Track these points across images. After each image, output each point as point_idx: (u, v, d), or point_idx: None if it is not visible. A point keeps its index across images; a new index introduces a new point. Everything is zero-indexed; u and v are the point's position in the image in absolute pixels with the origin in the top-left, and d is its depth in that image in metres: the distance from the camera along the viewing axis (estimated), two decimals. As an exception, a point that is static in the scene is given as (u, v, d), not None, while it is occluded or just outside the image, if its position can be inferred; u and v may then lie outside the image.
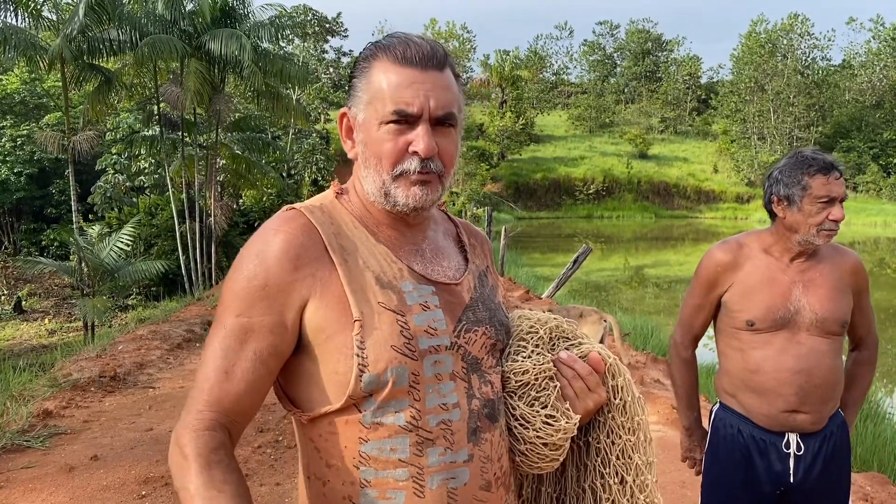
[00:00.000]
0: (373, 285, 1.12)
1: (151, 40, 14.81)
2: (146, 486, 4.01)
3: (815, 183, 2.11)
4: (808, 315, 2.15)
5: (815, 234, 2.13)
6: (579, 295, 15.63)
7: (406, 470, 1.10)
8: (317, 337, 1.10)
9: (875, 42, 56.67)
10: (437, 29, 46.34)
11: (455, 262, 1.28)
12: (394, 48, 1.14)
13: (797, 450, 2.19)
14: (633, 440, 1.28)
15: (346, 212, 1.20)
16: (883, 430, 5.96)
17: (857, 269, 2.27)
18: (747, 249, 2.26)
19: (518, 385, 1.23)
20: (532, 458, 1.23)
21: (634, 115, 60.12)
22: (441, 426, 1.12)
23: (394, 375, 1.08)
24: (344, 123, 1.21)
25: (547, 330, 1.29)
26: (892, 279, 22.29)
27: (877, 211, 42.54)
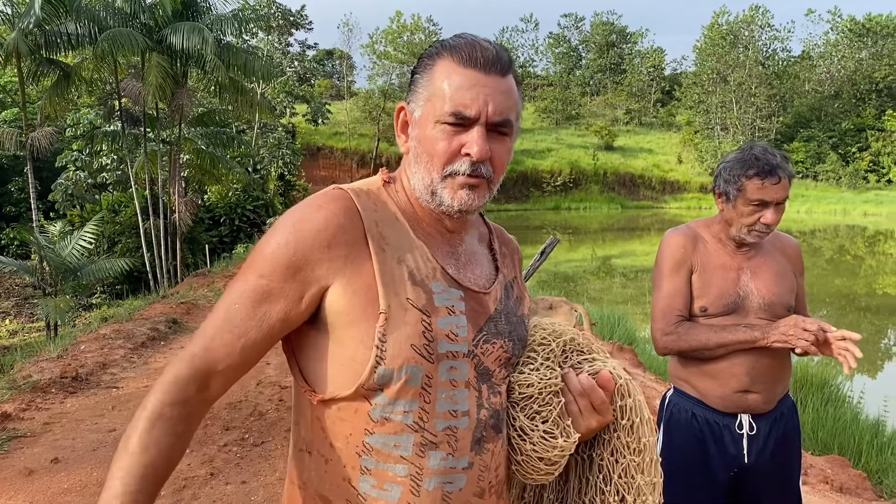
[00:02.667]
0: (405, 280, 1.11)
1: (111, 34, 14.51)
2: (109, 487, 3.95)
3: (750, 186, 2.13)
4: (756, 299, 2.20)
5: (746, 233, 2.18)
6: (548, 286, 15.75)
7: (406, 467, 1.11)
8: (339, 320, 1.10)
9: (833, 33, 57.86)
10: (402, 21, 46.15)
11: (486, 270, 1.26)
12: (460, 49, 1.13)
13: (750, 430, 2.22)
14: (638, 461, 1.26)
15: (391, 201, 1.18)
16: (843, 414, 6.09)
17: (796, 254, 2.35)
18: (701, 237, 2.31)
19: (521, 397, 1.22)
20: (527, 469, 1.23)
21: (600, 108, 60.60)
22: (447, 432, 1.12)
23: (407, 374, 1.08)
24: (400, 118, 1.20)
25: (560, 343, 1.27)
26: (851, 266, 22.80)
27: (836, 199, 43.46)
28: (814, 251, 26.11)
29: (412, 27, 46.44)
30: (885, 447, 5.41)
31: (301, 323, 1.12)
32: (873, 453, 5.30)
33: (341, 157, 47.74)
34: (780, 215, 2.17)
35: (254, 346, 1.10)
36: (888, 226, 35.02)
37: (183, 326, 9.31)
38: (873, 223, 36.59)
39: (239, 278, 1.13)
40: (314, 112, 44.17)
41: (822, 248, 27.64)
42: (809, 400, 6.15)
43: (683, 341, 2.22)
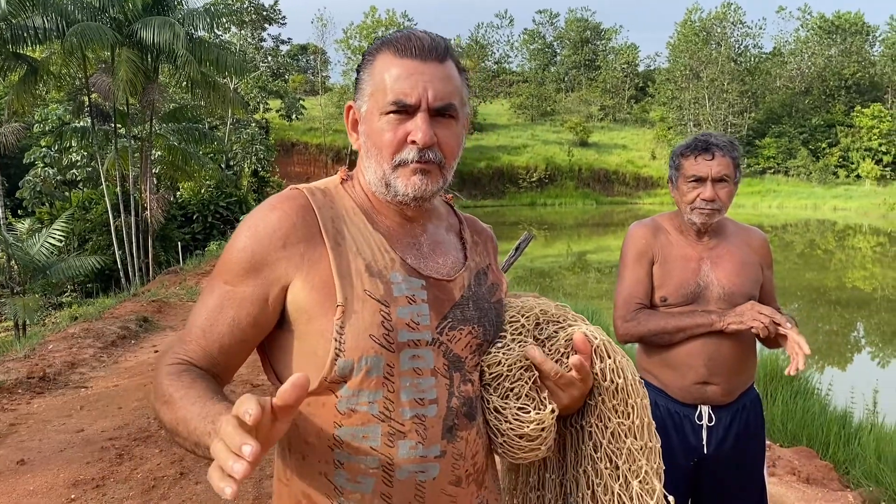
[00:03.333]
0: (361, 272, 1.13)
1: (80, 28, 14.27)
2: (76, 489, 3.89)
3: (686, 163, 2.22)
4: (716, 289, 2.21)
5: (690, 212, 2.21)
6: (524, 282, 15.79)
7: (377, 458, 1.11)
8: (300, 317, 1.12)
9: (803, 30, 58.65)
10: (377, 17, 45.95)
11: (452, 258, 1.27)
12: (396, 41, 1.16)
13: (709, 421, 2.24)
14: (628, 424, 1.23)
15: (348, 197, 1.21)
16: (811, 406, 6.17)
17: (764, 245, 2.34)
18: (663, 228, 2.34)
19: (492, 377, 1.21)
20: (512, 449, 1.22)
21: (574, 104, 60.87)
22: (415, 420, 1.13)
23: (368, 364, 1.10)
24: (350, 116, 1.22)
25: (531, 317, 1.26)
26: (821, 260, 23.15)
27: (807, 194, 44.09)
28: (785, 245, 26.48)
29: (387, 22, 46.27)
30: (852, 438, 5.49)
31: (273, 324, 1.14)
32: (840, 444, 5.38)
33: (316, 152, 47.47)
34: (724, 194, 2.18)
35: (229, 351, 1.13)
36: (857, 220, 35.62)
37: (154, 325, 9.20)
38: (843, 217, 37.20)
39: (208, 285, 1.17)
40: (288, 108, 43.86)
41: (793, 242, 28.04)
42: (779, 392, 6.22)
43: (643, 326, 2.23)
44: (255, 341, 1.15)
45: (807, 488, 4.08)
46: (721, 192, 2.18)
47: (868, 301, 16.24)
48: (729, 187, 2.20)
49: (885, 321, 14.23)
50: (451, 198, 1.37)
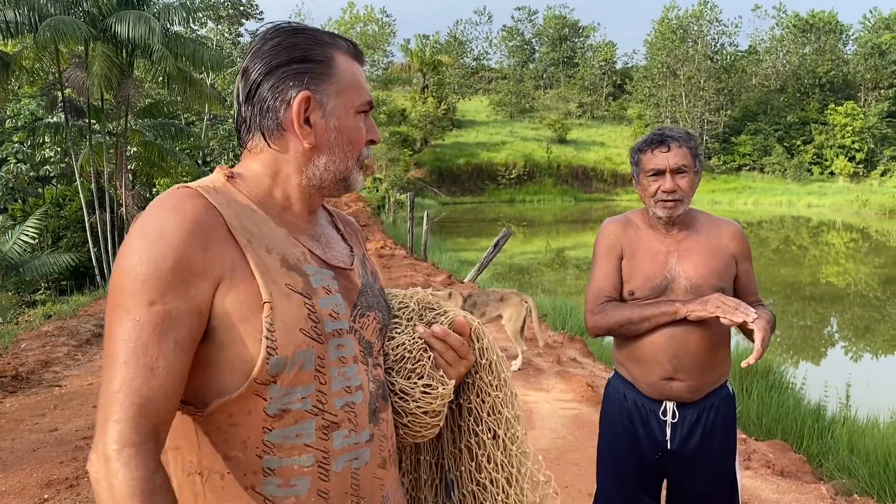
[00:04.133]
0: (279, 267, 1.09)
1: (53, 22, 14.04)
2: (49, 489, 3.84)
3: (644, 158, 2.25)
4: (683, 282, 2.22)
5: (654, 205, 2.24)
6: (503, 278, 15.83)
7: (311, 455, 1.09)
8: (224, 321, 1.05)
9: (778, 29, 59.25)
10: (355, 12, 45.78)
11: (343, 248, 1.28)
12: (346, 43, 1.21)
13: (672, 418, 2.26)
14: (502, 396, 1.35)
15: (241, 195, 1.15)
16: (786, 400, 6.26)
17: (736, 236, 2.33)
18: (633, 223, 2.36)
19: (396, 360, 1.27)
20: (415, 428, 1.28)
21: (553, 101, 61.01)
22: (345, 409, 1.13)
23: (301, 359, 1.07)
24: (301, 108, 1.15)
25: (416, 302, 1.35)
26: (796, 255, 23.44)
27: (782, 191, 44.58)
28: (760, 242, 26.77)
29: (365, 18, 46.10)
30: (826, 431, 5.58)
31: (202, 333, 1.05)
32: (814, 437, 5.47)
33: (294, 149, 47.21)
34: (684, 182, 2.20)
35: (180, 379, 1.03)
36: (831, 217, 36.10)
37: (130, 322, 9.09)
38: (817, 214, 37.68)
39: (122, 317, 1.01)
40: (266, 104, 43.47)
41: (768, 238, 28.35)
42: (754, 387, 6.31)
43: (610, 318, 2.25)
44: (192, 359, 1.04)
45: (781, 481, 4.14)
46: (681, 183, 2.20)
47: (841, 296, 16.48)
48: (689, 177, 2.22)
49: (857, 316, 14.45)
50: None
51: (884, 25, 61.43)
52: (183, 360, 1.02)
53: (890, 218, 34.64)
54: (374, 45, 45.99)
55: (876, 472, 4.63)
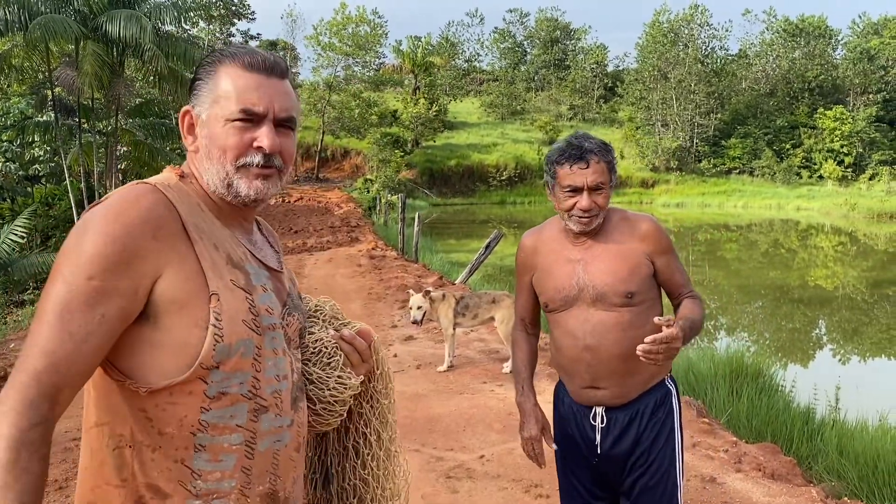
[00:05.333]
0: (224, 264, 1.22)
1: (43, 21, 13.97)
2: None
3: (561, 172, 2.19)
4: (591, 291, 2.20)
5: (567, 218, 2.22)
6: (494, 280, 15.82)
7: (241, 434, 1.21)
8: (169, 308, 1.14)
9: (768, 33, 59.50)
10: (347, 13, 45.65)
11: (272, 253, 1.41)
12: (241, 56, 1.28)
13: (601, 422, 2.26)
14: (387, 403, 1.55)
15: (193, 194, 1.27)
16: (776, 403, 6.29)
17: (647, 235, 2.26)
18: (546, 234, 2.36)
19: (314, 352, 1.43)
20: (325, 416, 1.43)
21: (544, 103, 61.10)
22: (274, 395, 1.26)
23: (242, 347, 1.19)
24: (186, 121, 1.31)
25: (329, 308, 1.52)
26: (785, 258, 23.56)
27: (771, 194, 44.78)
28: (750, 244, 26.90)
29: (357, 19, 45.98)
30: (815, 434, 5.61)
31: (136, 316, 1.15)
32: (804, 440, 5.50)
33: (285, 149, 47.10)
34: (601, 199, 2.17)
35: (98, 350, 1.11)
36: (819, 220, 36.30)
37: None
38: (806, 217, 37.88)
39: (60, 283, 1.10)
40: (257, 104, 43.32)
41: (757, 241, 28.49)
42: (744, 389, 6.34)
43: (512, 353, 2.58)
44: (117, 336, 1.14)
45: (771, 483, 4.16)
46: (598, 199, 2.17)
47: (830, 299, 16.58)
48: (605, 192, 2.19)
49: (846, 319, 14.54)
50: None
51: (872, 30, 61.88)
52: (104, 335, 1.11)
53: (878, 221, 34.88)
54: (365, 46, 45.87)
55: (865, 475, 4.67)
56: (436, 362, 6.75)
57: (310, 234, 19.61)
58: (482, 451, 4.66)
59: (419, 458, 4.55)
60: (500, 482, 4.19)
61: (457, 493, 4.05)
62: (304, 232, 20.30)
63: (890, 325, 14.08)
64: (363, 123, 43.36)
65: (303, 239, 18.68)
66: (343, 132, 44.89)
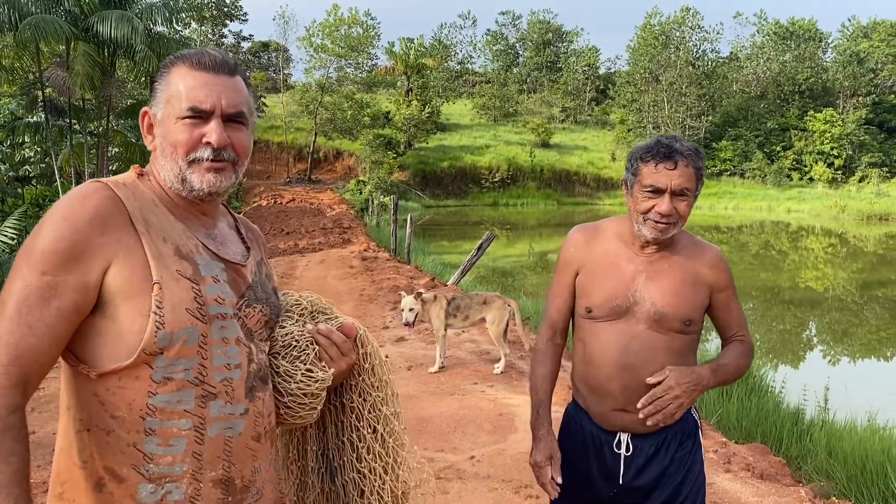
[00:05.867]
0: (171, 255, 1.27)
1: (33, 21, 13.94)
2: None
3: (644, 170, 2.00)
4: (647, 307, 2.02)
5: (642, 222, 2.00)
6: (486, 281, 15.84)
7: (189, 420, 1.25)
8: (116, 297, 1.22)
9: (759, 36, 59.85)
10: (339, 15, 45.59)
11: (240, 248, 1.47)
12: (190, 56, 1.34)
13: (626, 451, 2.08)
14: (382, 395, 1.56)
15: (148, 191, 1.34)
16: (766, 403, 6.33)
17: (715, 264, 2.11)
18: (602, 233, 2.16)
19: (283, 346, 1.45)
20: (294, 408, 1.45)
21: (536, 105, 61.17)
22: (224, 383, 1.29)
23: (185, 335, 1.24)
24: (145, 121, 1.38)
25: (309, 303, 1.54)
26: (776, 260, 23.66)
27: (762, 196, 44.98)
28: (741, 246, 27.01)
29: (349, 20, 45.93)
30: (804, 434, 5.65)
31: (91, 307, 1.22)
32: (793, 440, 5.53)
33: (277, 151, 46.95)
34: (683, 206, 1.98)
35: (57, 340, 1.20)
36: (810, 222, 36.48)
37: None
38: (796, 219, 38.07)
39: (17, 279, 1.19)
40: (249, 105, 43.22)
41: (748, 243, 28.60)
42: (734, 390, 6.37)
43: (533, 369, 2.26)
44: (74, 327, 1.22)
45: (760, 484, 4.18)
46: (680, 206, 1.97)
47: (820, 301, 16.67)
48: (688, 200, 1.99)
49: (835, 320, 14.62)
50: None
51: (862, 34, 62.28)
52: (62, 326, 1.19)
53: (867, 223, 35.09)
54: (358, 48, 45.81)
55: (853, 475, 4.70)
56: (427, 363, 6.75)
57: (302, 236, 19.57)
58: (472, 452, 4.67)
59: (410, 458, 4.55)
60: (490, 483, 4.20)
61: (447, 493, 4.06)
62: (295, 233, 20.26)
63: (879, 326, 14.17)
64: (356, 125, 43.31)
65: (295, 240, 18.64)
66: (335, 134, 44.81)
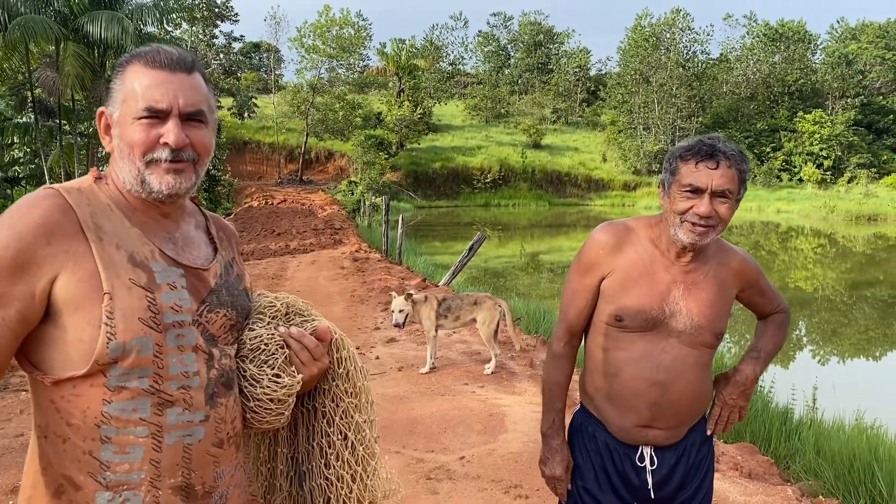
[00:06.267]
0: (125, 263, 1.23)
1: (23, 21, 13.89)
2: (14, 495, 3.78)
3: (684, 168, 1.87)
4: (684, 320, 1.93)
5: (679, 224, 1.88)
6: (478, 282, 15.85)
7: (146, 428, 1.23)
8: (66, 307, 1.19)
9: (749, 37, 60.17)
10: (331, 16, 45.57)
11: (204, 251, 1.42)
12: (145, 55, 1.30)
13: (651, 464, 2.01)
14: (356, 402, 1.52)
15: (104, 195, 1.30)
16: (754, 403, 6.35)
17: (742, 268, 2.06)
18: (634, 236, 2.00)
19: (251, 350, 1.41)
20: (261, 413, 1.42)
21: (528, 106, 61.26)
22: (181, 391, 1.26)
23: (139, 345, 1.21)
24: (102, 122, 1.33)
25: (283, 305, 1.49)
26: (766, 260, 23.76)
27: (752, 197, 45.13)
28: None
29: (341, 21, 45.91)
30: (793, 433, 5.67)
31: (39, 319, 1.21)
32: (782, 440, 5.55)
33: (269, 151, 46.88)
34: (724, 209, 1.87)
35: (4, 350, 1.18)
36: (799, 222, 36.68)
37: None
38: (786, 220, 38.27)
39: None
40: (240, 106, 43.25)
41: (738, 243, 28.55)
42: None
43: (548, 375, 2.16)
44: (21, 337, 1.20)
45: (748, 483, 4.20)
46: (721, 209, 1.85)
47: (809, 301, 16.75)
48: (730, 203, 1.87)
49: (824, 320, 14.71)
50: (195, 198, 1.52)
51: (850, 35, 62.74)
52: (7, 336, 1.17)
53: (856, 224, 35.30)
54: (349, 49, 45.80)
55: (841, 474, 4.73)
56: (418, 364, 6.76)
57: (293, 237, 19.54)
58: (463, 453, 4.68)
59: (400, 459, 4.55)
60: (480, 483, 4.21)
61: (437, 494, 4.06)
62: (287, 234, 20.22)
63: (868, 326, 14.26)
64: (347, 125, 43.30)
65: (286, 241, 18.61)
66: (327, 134, 44.80)
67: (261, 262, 14.91)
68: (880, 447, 5.02)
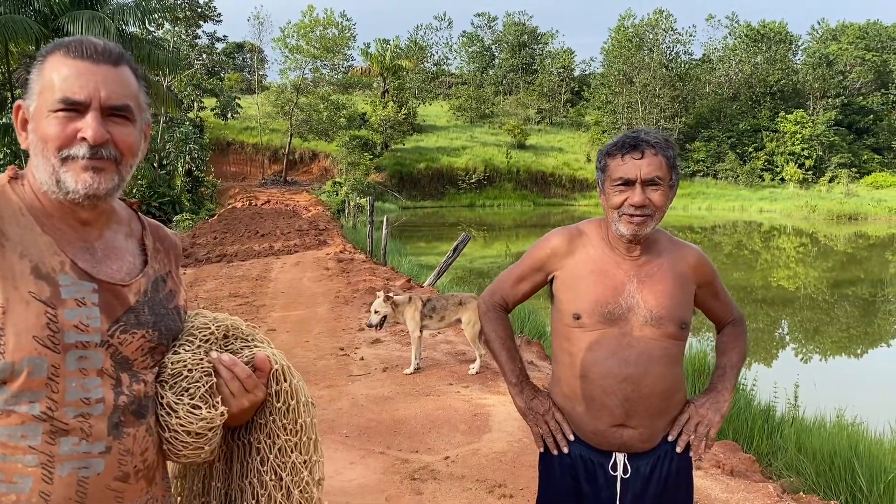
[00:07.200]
0: (27, 274, 1.12)
1: (2, 21, 13.75)
2: None
3: (612, 164, 1.92)
4: (643, 312, 1.93)
5: (617, 219, 1.92)
6: (463, 282, 15.87)
7: (36, 457, 1.11)
8: None
9: (731, 38, 60.69)
10: (314, 16, 45.42)
11: (129, 264, 1.29)
12: (68, 45, 1.20)
13: (624, 472, 1.96)
14: (295, 440, 1.36)
15: (15, 198, 1.19)
16: (737, 401, 6.40)
17: (700, 263, 2.07)
18: (586, 238, 2.04)
19: (171, 375, 1.27)
20: (176, 445, 1.28)
21: (512, 107, 61.41)
22: (79, 419, 1.14)
23: (30, 366, 1.10)
24: (19, 116, 1.23)
25: (221, 328, 1.34)
26: (748, 259, 23.97)
27: (734, 196, 45.53)
28: (714, 246, 27.31)
29: (325, 21, 45.78)
30: (775, 431, 5.73)
31: None
32: (764, 437, 5.61)
33: (252, 152, 46.69)
34: (656, 196, 1.90)
35: None
36: (781, 221, 37.00)
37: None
38: (768, 219, 38.59)
39: None
40: (223, 106, 43.03)
41: (721, 243, 28.94)
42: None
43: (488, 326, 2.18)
44: None
45: (730, 480, 4.24)
46: (653, 196, 1.89)
47: (791, 299, 16.92)
48: (663, 189, 1.91)
49: (806, 319, 14.86)
50: (134, 203, 1.40)
51: (831, 36, 63.38)
52: None
53: (837, 223, 35.67)
54: (333, 49, 45.70)
55: (822, 471, 4.78)
56: (402, 365, 6.76)
57: (277, 238, 19.46)
58: (447, 453, 4.68)
59: (384, 460, 4.55)
60: (464, 483, 4.21)
61: (421, 494, 4.06)
62: (271, 235, 20.14)
63: (849, 324, 14.42)
64: (331, 126, 43.20)
65: (270, 242, 18.53)
66: (311, 135, 44.66)
67: (244, 263, 14.84)
68: (860, 444, 5.08)
